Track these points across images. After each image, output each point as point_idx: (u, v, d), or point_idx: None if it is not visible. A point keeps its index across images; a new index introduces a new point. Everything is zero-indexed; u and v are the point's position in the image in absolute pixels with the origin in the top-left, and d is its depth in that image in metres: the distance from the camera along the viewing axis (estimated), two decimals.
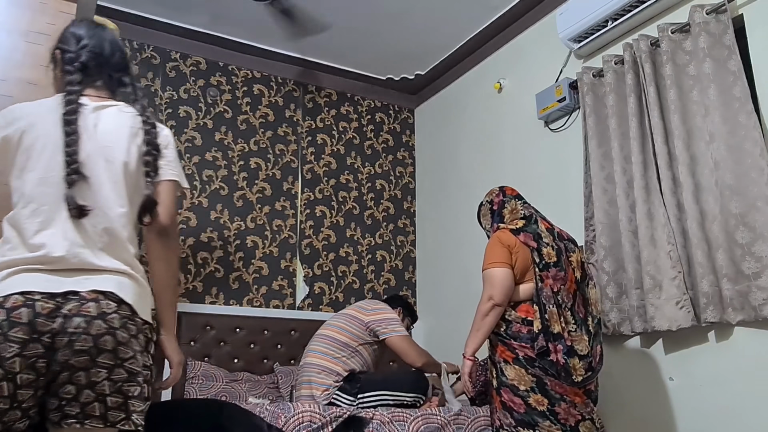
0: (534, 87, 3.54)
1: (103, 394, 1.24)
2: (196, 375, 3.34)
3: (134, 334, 1.31)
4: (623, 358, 2.81)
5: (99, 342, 1.24)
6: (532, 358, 2.19)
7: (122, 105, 1.55)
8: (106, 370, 1.25)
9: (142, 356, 1.32)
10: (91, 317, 1.25)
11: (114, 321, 1.27)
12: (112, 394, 1.25)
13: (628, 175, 2.81)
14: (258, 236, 3.99)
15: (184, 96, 3.97)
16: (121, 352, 1.27)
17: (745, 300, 2.31)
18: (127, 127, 1.49)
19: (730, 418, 2.37)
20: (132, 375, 1.28)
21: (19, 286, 1.25)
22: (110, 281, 1.32)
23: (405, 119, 4.81)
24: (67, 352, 1.23)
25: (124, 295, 1.32)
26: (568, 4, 3.24)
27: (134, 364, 1.29)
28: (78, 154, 1.38)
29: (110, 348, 1.25)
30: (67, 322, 1.24)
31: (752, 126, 2.38)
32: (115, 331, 1.27)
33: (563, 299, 2.25)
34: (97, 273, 1.32)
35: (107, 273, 1.34)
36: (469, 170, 4.07)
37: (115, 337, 1.26)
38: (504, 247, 2.29)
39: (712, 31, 2.55)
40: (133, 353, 1.29)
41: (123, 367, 1.27)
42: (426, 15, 3.72)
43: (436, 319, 4.18)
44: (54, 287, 1.27)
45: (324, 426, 2.30)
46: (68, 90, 1.47)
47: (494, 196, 2.53)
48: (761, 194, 2.32)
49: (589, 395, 2.24)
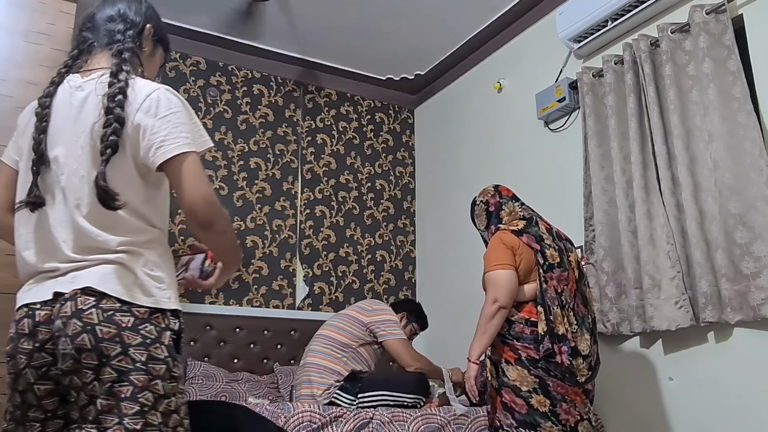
0: (534, 87, 3.54)
1: (94, 396, 1.14)
2: (196, 375, 3.34)
3: (129, 326, 1.17)
4: (623, 358, 2.81)
5: (76, 342, 1.14)
6: (534, 359, 2.17)
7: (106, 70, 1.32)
8: (91, 370, 1.14)
9: (145, 350, 1.17)
10: (66, 317, 1.16)
11: (92, 316, 1.15)
12: (102, 396, 1.14)
13: (627, 175, 2.81)
14: (258, 236, 3.99)
15: (183, 96, 3.96)
16: (105, 350, 1.14)
17: (744, 300, 2.31)
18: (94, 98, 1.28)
19: (729, 418, 2.37)
20: (122, 374, 1.14)
21: (21, 301, 1.25)
22: (84, 276, 1.20)
23: (405, 119, 4.82)
24: (61, 360, 1.17)
25: (101, 287, 1.18)
26: (568, 4, 3.24)
27: (125, 361, 1.15)
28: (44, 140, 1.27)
29: (90, 346, 1.14)
30: (53, 326, 1.18)
31: (751, 126, 2.38)
32: (95, 327, 1.14)
33: (566, 300, 2.24)
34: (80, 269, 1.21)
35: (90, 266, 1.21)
36: (469, 170, 4.07)
37: (94, 335, 1.14)
38: (507, 248, 2.27)
39: (711, 31, 2.55)
40: (124, 348, 1.15)
41: (110, 366, 1.14)
42: (426, 15, 3.72)
43: (435, 319, 4.16)
44: (43, 294, 1.22)
45: (324, 426, 2.30)
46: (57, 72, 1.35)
47: (490, 197, 2.49)
48: (760, 194, 2.32)
49: (587, 395, 2.24)
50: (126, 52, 1.33)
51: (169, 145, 1.24)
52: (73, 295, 1.18)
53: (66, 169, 1.26)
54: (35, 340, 1.19)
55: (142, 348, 1.17)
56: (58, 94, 1.32)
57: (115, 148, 1.22)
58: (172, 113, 1.28)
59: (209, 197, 1.24)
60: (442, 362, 3.19)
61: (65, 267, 1.22)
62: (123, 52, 1.33)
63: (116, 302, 1.18)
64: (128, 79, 1.28)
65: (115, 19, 1.39)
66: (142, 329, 1.19)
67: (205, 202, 1.23)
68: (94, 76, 1.32)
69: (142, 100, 1.27)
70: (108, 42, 1.36)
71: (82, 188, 1.24)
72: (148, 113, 1.26)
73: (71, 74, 1.35)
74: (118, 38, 1.36)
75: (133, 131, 1.25)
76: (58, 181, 1.26)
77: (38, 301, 1.21)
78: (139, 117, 1.25)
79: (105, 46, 1.36)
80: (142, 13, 1.43)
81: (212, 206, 1.24)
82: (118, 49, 1.33)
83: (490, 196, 2.50)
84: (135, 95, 1.27)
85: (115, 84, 1.26)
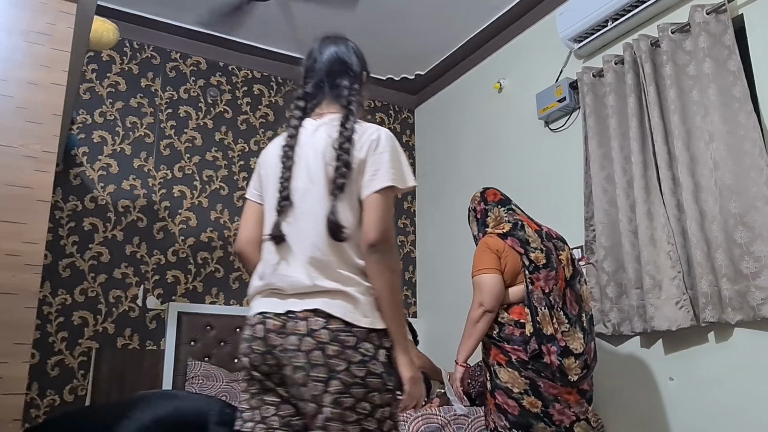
0: (534, 87, 3.54)
1: (322, 405, 1.31)
2: (196, 375, 3.34)
3: (352, 345, 1.34)
4: (623, 358, 2.81)
5: (311, 357, 1.33)
6: (524, 361, 2.19)
7: (337, 116, 1.52)
8: (321, 383, 1.31)
9: (364, 366, 1.33)
10: (301, 335, 1.34)
11: (322, 336, 1.33)
12: (330, 406, 1.30)
13: (628, 175, 2.81)
14: None
15: (184, 96, 3.97)
16: (333, 365, 1.31)
17: (744, 300, 2.31)
18: (326, 141, 1.48)
19: (729, 417, 2.37)
20: (347, 386, 1.31)
21: (257, 308, 1.45)
22: (319, 300, 1.38)
23: (405, 119, 4.82)
24: (290, 369, 1.35)
25: (333, 310, 1.36)
26: (568, 4, 3.24)
27: (347, 375, 1.31)
28: (289, 180, 1.48)
29: (321, 362, 1.32)
30: (287, 339, 1.36)
31: (752, 126, 2.38)
32: (325, 346, 1.32)
33: (555, 299, 2.25)
34: (310, 295, 1.39)
35: (319, 294, 1.39)
36: (469, 170, 4.07)
37: (324, 351, 1.32)
38: (492, 252, 2.30)
39: (712, 31, 2.55)
40: (347, 364, 1.32)
41: (338, 379, 1.31)
42: (426, 15, 3.72)
43: (435, 319, 4.18)
44: (278, 308, 1.40)
45: None
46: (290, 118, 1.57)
47: (476, 204, 2.52)
48: (760, 194, 2.32)
49: (583, 395, 2.24)
50: (353, 103, 1.54)
51: (379, 179, 1.43)
52: (305, 316, 1.36)
53: (303, 205, 1.46)
54: (266, 344, 1.38)
55: (361, 365, 1.33)
56: (300, 138, 1.52)
57: (342, 188, 1.42)
58: (386, 152, 1.46)
59: (389, 230, 1.43)
60: (442, 362, 3.19)
61: (298, 290, 1.40)
62: (350, 103, 1.53)
63: (341, 323, 1.35)
64: (354, 125, 1.49)
65: (340, 73, 1.59)
66: (361, 348, 1.35)
67: (384, 232, 1.41)
68: (325, 120, 1.53)
69: (367, 141, 1.47)
70: (336, 95, 1.57)
71: (315, 222, 1.43)
72: (368, 151, 1.46)
73: (306, 119, 1.56)
74: (344, 93, 1.56)
75: (357, 169, 1.44)
76: (296, 216, 1.46)
77: (271, 311, 1.40)
78: (363, 156, 1.45)
79: (333, 97, 1.57)
80: (360, 64, 1.62)
81: (388, 238, 1.42)
82: (347, 101, 1.54)
83: (477, 203, 2.52)
84: (360, 137, 1.47)
85: (344, 133, 1.46)
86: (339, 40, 1.65)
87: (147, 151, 3.78)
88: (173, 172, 3.83)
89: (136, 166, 3.73)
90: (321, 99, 1.58)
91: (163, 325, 3.57)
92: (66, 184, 3.51)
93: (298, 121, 1.55)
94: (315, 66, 1.61)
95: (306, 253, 1.41)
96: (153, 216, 3.71)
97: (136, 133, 3.77)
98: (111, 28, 2.86)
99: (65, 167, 3.51)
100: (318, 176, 1.45)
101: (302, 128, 1.54)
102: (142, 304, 3.56)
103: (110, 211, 3.60)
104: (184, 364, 3.44)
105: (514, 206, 2.48)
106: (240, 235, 1.59)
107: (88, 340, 3.37)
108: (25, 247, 1.83)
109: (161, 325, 3.57)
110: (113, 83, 3.77)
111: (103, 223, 3.56)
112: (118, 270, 3.54)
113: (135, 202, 3.67)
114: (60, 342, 3.31)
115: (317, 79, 1.59)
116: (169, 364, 3.44)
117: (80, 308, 3.40)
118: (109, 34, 2.85)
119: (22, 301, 1.79)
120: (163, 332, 3.55)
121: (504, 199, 2.49)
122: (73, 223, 3.48)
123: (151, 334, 3.54)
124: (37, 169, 1.89)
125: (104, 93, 3.73)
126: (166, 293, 3.64)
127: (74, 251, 3.45)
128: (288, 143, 1.51)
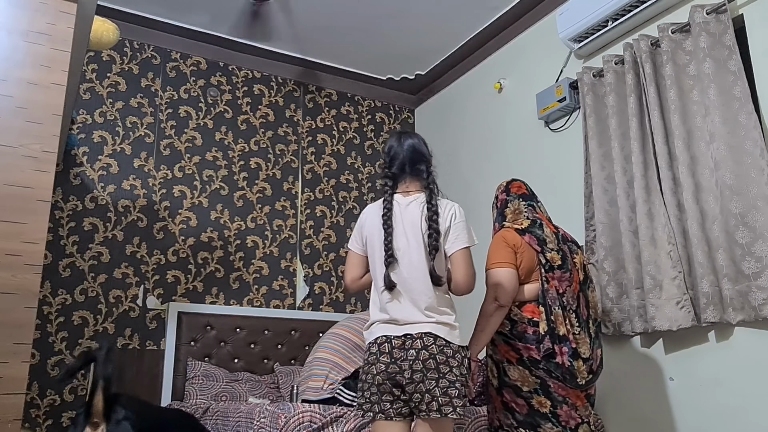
0: (534, 87, 3.54)
1: (435, 396, 1.88)
2: (196, 375, 3.35)
3: (451, 355, 1.93)
4: (623, 358, 2.81)
5: (426, 364, 1.91)
6: (536, 360, 2.16)
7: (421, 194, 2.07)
8: (433, 381, 1.89)
9: (459, 369, 1.92)
10: (418, 349, 1.92)
11: (433, 349, 1.92)
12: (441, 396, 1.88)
13: (628, 175, 2.81)
14: (258, 236, 3.99)
15: (184, 96, 3.97)
16: (441, 369, 1.90)
17: (745, 300, 2.31)
18: (418, 214, 2.03)
19: (730, 418, 2.37)
20: (451, 382, 1.90)
21: (381, 332, 1.99)
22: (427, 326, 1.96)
23: (405, 119, 4.82)
24: (409, 372, 1.91)
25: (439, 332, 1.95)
26: (568, 4, 3.24)
27: (451, 375, 1.90)
28: (391, 242, 2.01)
29: (433, 367, 1.90)
30: (408, 353, 1.93)
31: (752, 126, 2.38)
32: (435, 356, 1.91)
33: (568, 301, 2.22)
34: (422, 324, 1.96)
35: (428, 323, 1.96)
36: (470, 170, 4.07)
37: (435, 359, 1.91)
38: (509, 246, 2.25)
39: (712, 31, 2.55)
40: (449, 368, 1.91)
41: (445, 378, 1.89)
42: (426, 15, 3.72)
43: None
44: (397, 332, 1.97)
45: (324, 426, 2.29)
46: (384, 193, 2.10)
47: (499, 192, 2.48)
48: (761, 194, 2.32)
49: (588, 399, 2.23)
50: (432, 183, 2.09)
51: (460, 242, 2.02)
52: (419, 337, 1.94)
53: (406, 260, 2.00)
54: (391, 357, 1.94)
55: (456, 369, 1.93)
56: (394, 209, 2.05)
57: (437, 249, 1.98)
58: (461, 221, 2.05)
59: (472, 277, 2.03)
60: None
61: (411, 321, 1.97)
62: (430, 184, 2.08)
63: (443, 341, 1.94)
64: (437, 201, 2.05)
65: (418, 161, 2.12)
66: (456, 357, 1.94)
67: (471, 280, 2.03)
68: (412, 197, 2.07)
69: (448, 214, 2.04)
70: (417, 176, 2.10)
71: (419, 273, 1.98)
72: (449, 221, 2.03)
73: (395, 194, 2.09)
74: (424, 176, 2.10)
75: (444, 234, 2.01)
76: (401, 269, 2.00)
77: (393, 335, 1.97)
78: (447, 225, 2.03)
79: (414, 178, 2.11)
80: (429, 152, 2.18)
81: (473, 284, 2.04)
82: (428, 183, 2.08)
83: (500, 192, 2.49)
84: (443, 212, 2.04)
85: (431, 208, 2.01)
86: (413, 135, 2.21)
87: (147, 151, 3.78)
88: (173, 172, 3.83)
89: (136, 166, 3.73)
90: (404, 178, 2.10)
91: (163, 325, 3.57)
92: (66, 184, 3.51)
93: (390, 196, 2.07)
94: (398, 153, 2.12)
95: (420, 296, 1.97)
96: (153, 216, 3.71)
97: (136, 133, 3.77)
98: (111, 28, 2.86)
99: (65, 167, 3.51)
100: (417, 241, 2.00)
101: (395, 202, 2.06)
102: (142, 304, 3.56)
103: (110, 211, 3.60)
104: (184, 364, 3.44)
105: (536, 204, 2.42)
106: (347, 276, 2.15)
107: (88, 340, 3.37)
108: (25, 247, 1.83)
109: (161, 325, 3.57)
110: (113, 83, 3.77)
111: (103, 223, 3.56)
112: (118, 270, 3.54)
113: (135, 202, 3.67)
114: (60, 342, 3.31)
115: (400, 163, 2.11)
116: (169, 364, 3.44)
117: (80, 308, 3.40)
118: (109, 34, 2.84)
119: (22, 301, 1.79)
120: (163, 332, 3.55)
121: (528, 194, 2.45)
122: (73, 223, 3.48)
123: (151, 334, 3.54)
124: (37, 169, 1.90)
125: (104, 93, 3.73)
126: (166, 293, 3.64)
127: (74, 251, 3.45)
128: (386, 213, 2.04)
